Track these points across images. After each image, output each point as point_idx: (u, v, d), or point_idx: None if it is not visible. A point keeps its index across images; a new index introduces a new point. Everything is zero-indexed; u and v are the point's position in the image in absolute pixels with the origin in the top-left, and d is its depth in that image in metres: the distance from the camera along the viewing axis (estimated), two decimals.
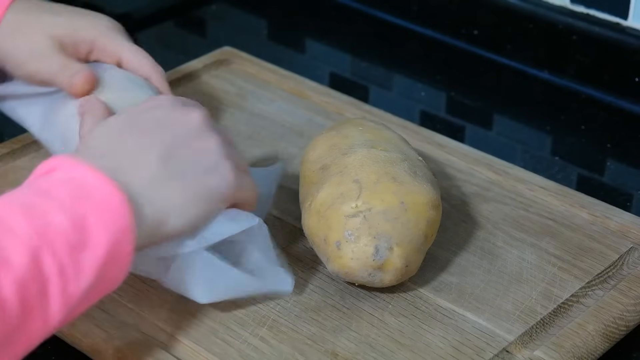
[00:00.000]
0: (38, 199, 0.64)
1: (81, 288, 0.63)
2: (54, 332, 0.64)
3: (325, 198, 0.78)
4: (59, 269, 0.62)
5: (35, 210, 0.62)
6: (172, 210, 0.71)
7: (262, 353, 0.74)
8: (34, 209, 0.63)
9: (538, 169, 0.97)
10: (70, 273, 0.62)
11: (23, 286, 0.60)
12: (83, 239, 0.63)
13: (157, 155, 0.71)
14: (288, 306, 0.78)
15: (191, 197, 0.72)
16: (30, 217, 0.62)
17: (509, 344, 0.75)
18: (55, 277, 0.61)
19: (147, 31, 1.23)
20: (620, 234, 0.86)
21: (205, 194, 0.73)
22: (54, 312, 0.62)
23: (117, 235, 0.65)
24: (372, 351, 0.74)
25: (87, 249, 0.63)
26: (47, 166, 0.67)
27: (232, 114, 1.01)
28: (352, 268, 0.76)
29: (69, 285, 0.62)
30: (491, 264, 0.83)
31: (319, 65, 1.18)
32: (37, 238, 0.61)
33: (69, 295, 0.62)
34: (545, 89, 1.12)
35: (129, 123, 0.74)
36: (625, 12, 1.07)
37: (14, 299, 0.59)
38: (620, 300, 0.79)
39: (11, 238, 0.60)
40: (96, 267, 0.64)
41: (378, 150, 0.80)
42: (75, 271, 0.62)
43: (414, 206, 0.77)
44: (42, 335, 0.63)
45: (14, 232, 0.61)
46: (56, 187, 0.65)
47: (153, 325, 0.76)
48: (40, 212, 0.62)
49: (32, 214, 0.62)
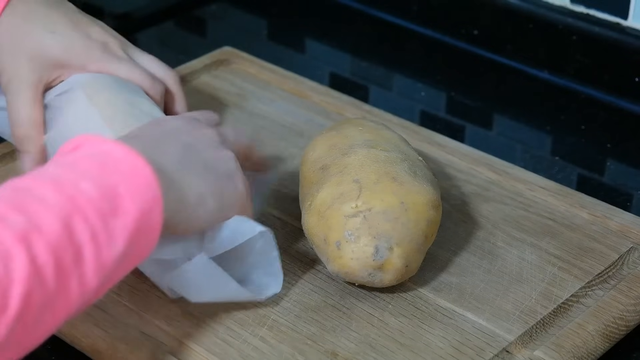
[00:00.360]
0: (66, 170, 0.64)
1: (114, 255, 0.64)
2: (93, 301, 0.65)
3: (325, 198, 0.78)
4: (92, 235, 0.62)
5: (64, 181, 0.63)
6: (192, 198, 0.72)
7: (262, 353, 0.74)
8: (62, 179, 0.63)
9: (538, 169, 0.97)
10: (102, 239, 0.63)
11: (57, 251, 0.60)
12: (114, 206, 0.63)
13: (181, 147, 0.73)
14: (288, 306, 0.78)
15: (211, 191, 0.73)
16: (59, 186, 0.62)
17: (509, 344, 0.75)
18: (89, 243, 0.62)
19: (147, 31, 1.23)
20: (621, 234, 0.86)
21: (222, 195, 0.74)
22: (90, 278, 0.63)
23: (146, 204, 0.65)
24: (372, 351, 0.74)
25: (118, 216, 0.64)
26: (73, 144, 0.68)
27: (232, 114, 1.01)
28: (352, 268, 0.76)
29: (102, 251, 0.63)
30: (491, 264, 0.83)
31: (319, 65, 1.18)
32: (68, 205, 0.62)
33: (103, 262, 0.63)
34: (545, 89, 1.12)
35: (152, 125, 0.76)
36: (625, 12, 1.07)
37: (50, 264, 0.60)
38: (620, 300, 0.79)
39: (42, 206, 0.61)
40: (127, 234, 0.64)
41: (378, 150, 0.80)
42: (108, 237, 0.63)
43: (414, 206, 0.77)
44: (80, 301, 0.63)
45: (44, 200, 0.61)
46: (83, 160, 0.65)
47: (153, 325, 0.76)
48: (69, 182, 0.63)
49: (61, 183, 0.63)
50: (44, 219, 0.61)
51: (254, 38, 1.23)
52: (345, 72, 1.18)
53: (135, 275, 0.79)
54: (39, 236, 0.60)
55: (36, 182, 0.63)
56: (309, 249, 0.83)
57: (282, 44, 1.23)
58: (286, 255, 0.82)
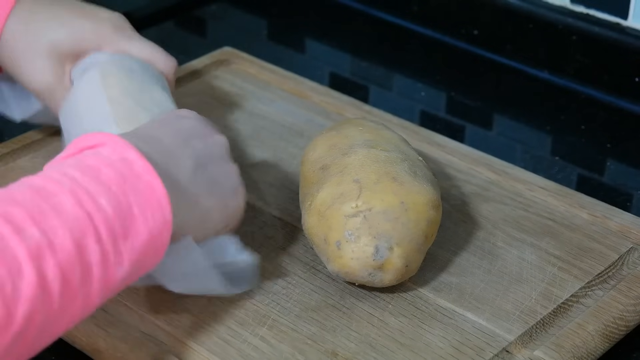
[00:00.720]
0: (87, 178, 0.64)
1: (120, 275, 0.64)
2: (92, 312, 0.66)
3: (326, 198, 0.78)
4: (102, 256, 0.63)
5: (83, 194, 0.63)
6: (199, 213, 0.72)
7: (262, 353, 0.74)
8: (83, 190, 0.63)
9: (538, 169, 0.97)
10: (111, 260, 0.63)
11: (66, 272, 0.61)
12: (126, 226, 0.64)
13: (192, 162, 0.73)
14: (288, 306, 0.78)
15: (217, 207, 0.74)
16: (79, 199, 0.63)
17: (509, 344, 0.75)
18: (98, 264, 0.62)
19: (147, 31, 1.23)
20: (620, 234, 0.86)
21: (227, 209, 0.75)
22: (94, 297, 0.63)
23: (156, 227, 0.66)
24: (372, 351, 0.74)
25: (128, 237, 0.64)
26: (94, 140, 0.68)
27: (232, 114, 1.01)
28: (352, 268, 0.76)
29: (109, 271, 0.63)
30: (491, 264, 0.83)
31: (319, 65, 1.19)
32: (84, 223, 0.62)
33: (108, 281, 0.64)
34: (545, 89, 1.12)
35: (165, 122, 0.76)
36: (625, 12, 1.07)
37: (57, 283, 0.60)
38: (620, 301, 0.79)
39: (58, 219, 0.61)
40: (135, 256, 0.65)
41: (378, 150, 0.80)
42: (116, 258, 0.64)
43: (414, 206, 0.77)
44: (80, 317, 0.64)
45: (61, 213, 0.62)
46: (105, 168, 0.65)
47: (153, 325, 0.76)
48: (88, 197, 0.63)
49: (81, 196, 0.63)
50: (59, 236, 0.61)
51: (254, 38, 1.23)
52: (345, 72, 1.18)
53: None
54: (51, 255, 0.60)
55: (57, 186, 0.63)
56: (309, 249, 0.83)
57: (282, 44, 1.23)
58: (286, 255, 0.83)
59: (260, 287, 0.79)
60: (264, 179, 0.92)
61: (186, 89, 1.05)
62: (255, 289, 0.79)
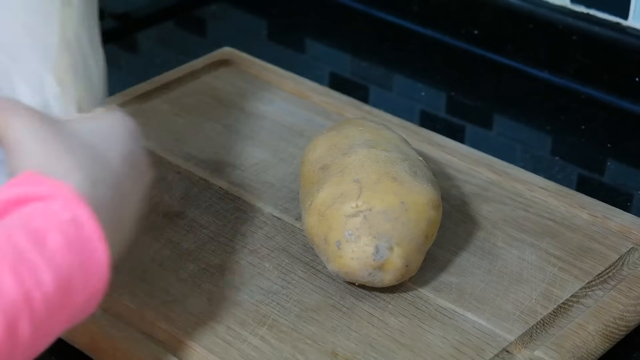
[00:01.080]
0: (31, 248, 0.61)
1: (48, 341, 0.62)
2: None
3: (326, 198, 0.78)
4: (33, 331, 0.60)
5: (26, 269, 0.60)
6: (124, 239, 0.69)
7: (262, 352, 0.74)
8: (25, 266, 0.60)
9: (538, 169, 0.97)
10: (41, 334, 0.61)
11: None
12: (64, 300, 0.61)
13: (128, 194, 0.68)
14: (288, 306, 0.78)
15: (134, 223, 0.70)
16: (19, 276, 0.59)
17: (509, 344, 0.75)
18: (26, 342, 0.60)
19: (147, 31, 1.23)
20: (621, 235, 0.86)
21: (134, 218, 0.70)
22: None
23: (93, 295, 0.63)
24: (372, 351, 0.74)
25: (64, 309, 0.62)
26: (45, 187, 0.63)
27: (232, 114, 1.01)
28: (352, 268, 0.76)
29: (38, 342, 0.61)
30: (491, 264, 0.83)
31: (319, 65, 1.18)
32: (20, 305, 0.59)
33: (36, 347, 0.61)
34: (545, 89, 1.12)
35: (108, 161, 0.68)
36: (625, 12, 1.07)
37: None
38: (621, 301, 0.79)
39: None
40: (67, 324, 0.63)
41: (378, 150, 0.80)
42: (48, 331, 0.62)
43: (415, 206, 0.77)
44: None
45: None
46: (53, 232, 0.62)
47: (153, 324, 0.76)
48: (30, 273, 0.60)
49: (21, 271, 0.59)
50: None
51: (254, 38, 1.23)
52: (345, 72, 1.18)
53: (135, 275, 0.79)
54: None
55: None
56: (309, 249, 0.83)
57: (282, 44, 1.23)
58: (286, 255, 0.83)
59: (260, 287, 0.79)
60: (264, 179, 0.92)
61: (186, 89, 1.05)
62: (255, 289, 0.79)
